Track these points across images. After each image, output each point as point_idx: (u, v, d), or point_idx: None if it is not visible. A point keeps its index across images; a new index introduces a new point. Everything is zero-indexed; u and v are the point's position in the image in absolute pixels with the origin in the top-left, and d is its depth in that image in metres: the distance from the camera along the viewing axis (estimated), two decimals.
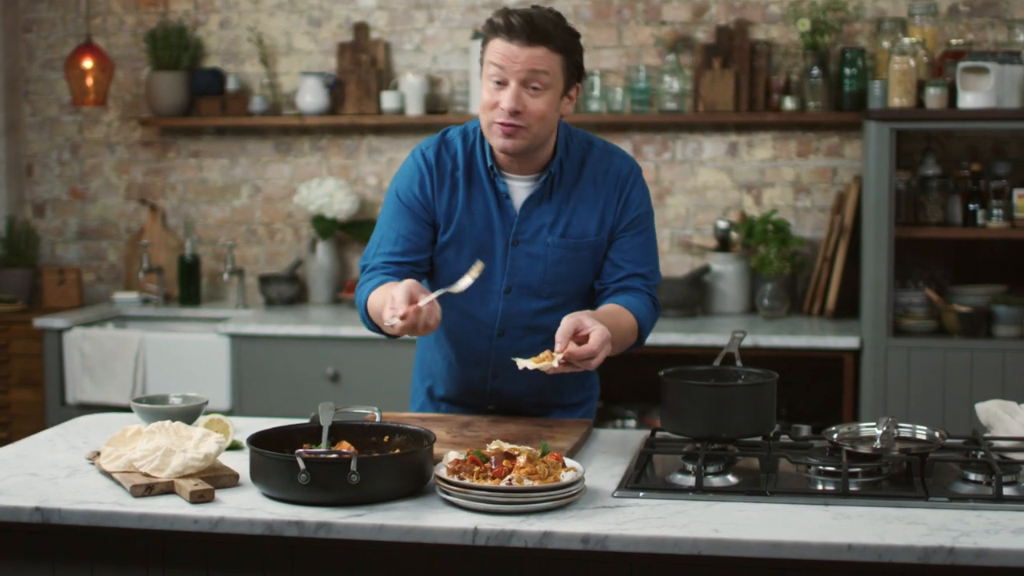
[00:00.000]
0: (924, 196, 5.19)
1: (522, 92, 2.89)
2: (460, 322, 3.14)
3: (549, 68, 2.90)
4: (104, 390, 5.61)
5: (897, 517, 2.41)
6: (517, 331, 3.11)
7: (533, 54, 2.88)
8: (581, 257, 3.07)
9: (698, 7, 5.76)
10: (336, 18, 6.09)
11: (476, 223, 3.06)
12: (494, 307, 3.10)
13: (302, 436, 2.70)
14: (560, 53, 2.92)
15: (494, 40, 2.92)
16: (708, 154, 5.80)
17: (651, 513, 2.45)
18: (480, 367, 3.18)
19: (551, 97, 2.93)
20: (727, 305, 5.65)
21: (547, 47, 2.89)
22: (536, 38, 2.88)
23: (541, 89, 2.90)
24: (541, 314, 3.09)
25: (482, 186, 3.06)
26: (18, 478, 2.72)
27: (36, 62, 6.40)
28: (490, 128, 2.95)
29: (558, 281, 3.08)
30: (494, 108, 2.92)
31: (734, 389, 2.84)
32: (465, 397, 3.25)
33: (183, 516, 2.46)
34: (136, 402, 3.08)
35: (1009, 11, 5.51)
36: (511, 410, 3.22)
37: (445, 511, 2.45)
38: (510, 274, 3.07)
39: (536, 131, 2.94)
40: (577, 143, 3.10)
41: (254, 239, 6.26)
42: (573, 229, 3.06)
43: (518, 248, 3.06)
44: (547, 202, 3.06)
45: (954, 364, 4.97)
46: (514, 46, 2.88)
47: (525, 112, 2.90)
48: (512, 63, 2.88)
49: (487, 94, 2.94)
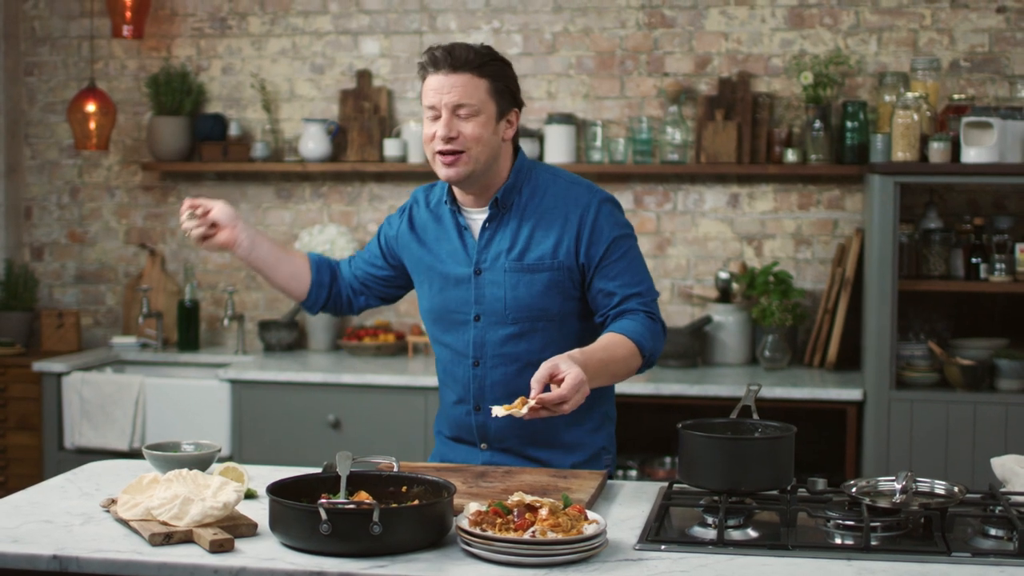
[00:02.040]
0: (927, 249, 5.21)
1: (453, 119, 3.04)
2: (446, 355, 3.26)
3: (475, 93, 3.04)
4: (103, 435, 5.58)
5: (921, 573, 2.40)
6: (491, 360, 3.18)
7: (457, 81, 3.03)
8: (538, 280, 3.14)
9: (701, 59, 5.80)
10: (339, 65, 6.11)
11: (444, 259, 3.22)
12: (467, 336, 3.19)
13: (320, 486, 2.68)
14: (485, 78, 3.06)
15: (427, 78, 3.08)
16: (709, 205, 5.82)
17: (674, 567, 2.44)
18: (464, 401, 3.25)
19: (484, 120, 3.06)
20: (728, 356, 5.65)
21: (470, 73, 3.04)
22: (458, 65, 3.04)
23: (471, 114, 3.04)
24: (510, 341, 3.16)
25: (446, 224, 3.23)
26: (32, 525, 2.70)
27: (37, 105, 6.41)
28: (434, 160, 3.10)
29: (519, 307, 3.15)
30: (432, 140, 3.07)
31: (754, 442, 2.84)
32: (461, 433, 3.29)
33: (203, 566, 2.45)
34: (148, 449, 3.06)
35: (1010, 67, 5.55)
36: (501, 448, 3.23)
37: (467, 563, 2.44)
38: (476, 303, 3.18)
39: (476, 154, 3.06)
40: (541, 173, 3.21)
41: (254, 284, 6.25)
42: (530, 253, 3.14)
43: (481, 276, 3.18)
44: (503, 229, 3.17)
45: (957, 417, 4.97)
46: (440, 76, 3.04)
47: (460, 137, 3.04)
48: (440, 93, 3.04)
49: (425, 128, 3.10)
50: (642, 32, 5.84)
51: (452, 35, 5.97)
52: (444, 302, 3.21)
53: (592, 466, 3.26)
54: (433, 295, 3.23)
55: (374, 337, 5.87)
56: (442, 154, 3.06)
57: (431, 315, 3.26)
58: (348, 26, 6.09)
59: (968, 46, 5.59)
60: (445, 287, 3.20)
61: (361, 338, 5.87)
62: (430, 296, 3.24)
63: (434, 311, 3.24)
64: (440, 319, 3.23)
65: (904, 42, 5.63)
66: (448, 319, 3.21)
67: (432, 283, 3.23)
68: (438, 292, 3.22)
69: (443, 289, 3.21)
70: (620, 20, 5.85)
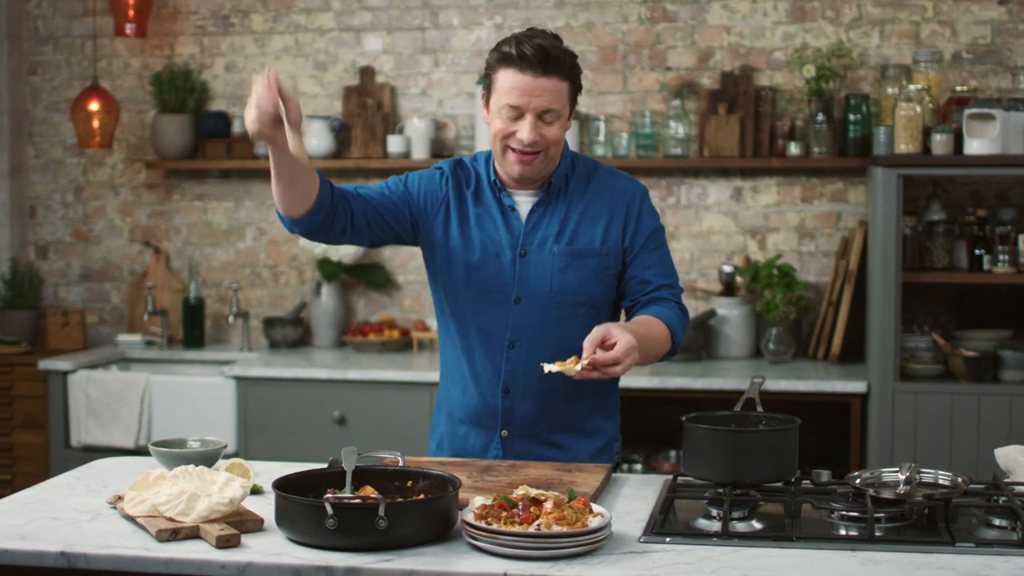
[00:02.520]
0: (930, 241, 5.22)
1: (537, 123, 3.01)
2: (474, 336, 3.19)
3: (560, 97, 3.02)
4: (109, 432, 5.59)
5: (925, 563, 2.41)
6: (527, 343, 3.15)
7: (547, 86, 2.99)
8: (587, 266, 3.14)
9: (703, 53, 5.80)
10: (342, 62, 6.12)
11: (484, 238, 3.15)
12: (504, 318, 3.15)
13: (325, 481, 2.69)
14: (568, 80, 3.04)
15: (507, 70, 3.01)
16: (713, 199, 5.82)
17: (679, 559, 2.45)
18: (493, 383, 3.19)
19: (563, 122, 3.06)
20: (732, 349, 5.66)
21: (558, 76, 3.00)
22: (549, 69, 2.98)
23: (555, 118, 3.02)
24: (550, 325, 3.15)
25: (488, 204, 3.17)
26: (40, 522, 2.71)
27: (41, 104, 6.42)
28: (505, 156, 3.08)
29: (565, 291, 3.14)
30: (509, 137, 3.04)
31: (758, 435, 2.85)
32: (480, 417, 3.24)
33: (210, 561, 2.45)
34: (155, 446, 3.07)
35: (1012, 58, 5.55)
36: (523, 433, 3.21)
37: (473, 556, 2.45)
38: (519, 284, 3.14)
39: (552, 154, 3.08)
40: (583, 163, 3.23)
41: (258, 282, 6.26)
42: (579, 239, 3.15)
43: (526, 259, 3.15)
44: (552, 212, 3.16)
45: (961, 409, 4.98)
46: (528, 77, 2.98)
47: (541, 140, 3.02)
48: (528, 96, 2.98)
49: (501, 123, 3.04)
50: (644, 26, 5.84)
51: (454, 31, 5.98)
52: (482, 280, 3.14)
53: (607, 453, 3.30)
54: (468, 274, 3.15)
55: (379, 333, 5.89)
56: (521, 153, 3.04)
57: (464, 294, 3.16)
58: (351, 23, 6.10)
59: (970, 38, 5.59)
60: (484, 265, 3.14)
61: (366, 334, 5.88)
62: (464, 275, 3.15)
63: (468, 290, 3.15)
64: (474, 299, 3.16)
65: (906, 34, 5.63)
66: (483, 299, 3.14)
67: (469, 260, 3.15)
68: (474, 272, 3.14)
69: (481, 267, 3.14)
70: (622, 15, 5.86)
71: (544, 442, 3.22)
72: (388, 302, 6.12)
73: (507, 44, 3.01)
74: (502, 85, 3.02)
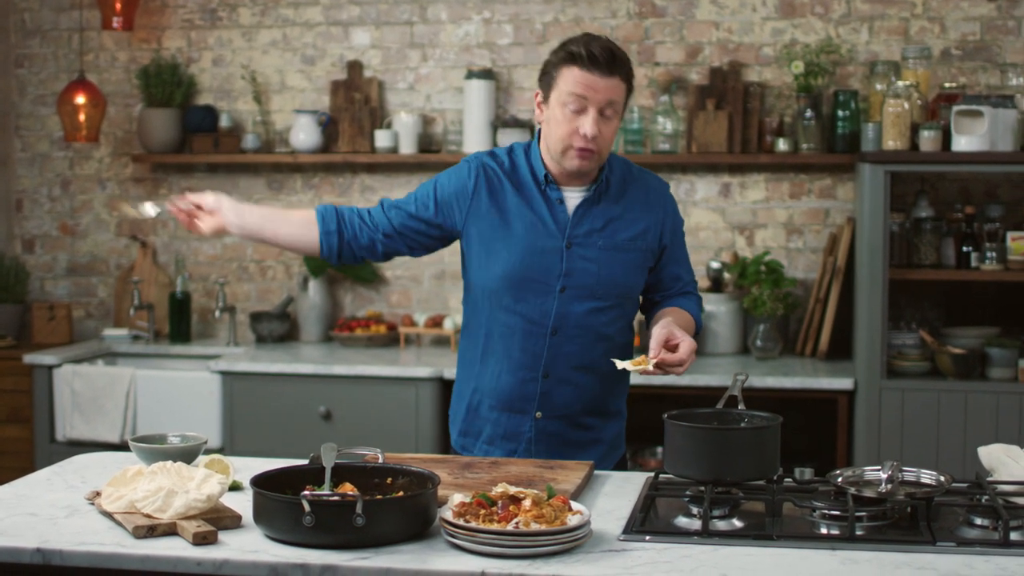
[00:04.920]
0: (918, 238, 5.21)
1: (600, 119, 3.16)
2: (515, 323, 3.29)
3: (620, 96, 3.19)
4: (94, 427, 5.58)
5: (906, 562, 2.40)
6: (569, 330, 3.27)
7: (611, 84, 3.14)
8: (629, 260, 3.29)
9: (692, 48, 5.79)
10: (330, 56, 6.10)
11: (529, 228, 3.27)
12: (549, 307, 3.26)
13: (304, 477, 2.68)
14: (626, 82, 3.20)
15: (571, 68, 3.15)
16: (701, 195, 5.81)
17: (658, 557, 2.43)
18: (532, 368, 3.29)
19: (617, 121, 3.22)
20: (719, 345, 5.65)
21: (620, 77, 3.16)
22: (615, 69, 3.14)
23: (613, 115, 3.18)
24: (592, 314, 3.27)
25: (531, 194, 3.29)
26: (17, 518, 2.69)
27: (27, 97, 6.40)
28: (566, 152, 3.20)
29: (610, 283, 3.28)
30: (572, 134, 3.17)
31: (740, 432, 2.83)
32: (513, 402, 3.33)
33: (186, 558, 2.44)
34: (135, 441, 3.05)
35: (1001, 55, 5.54)
36: (558, 415, 3.31)
37: (451, 554, 2.43)
38: (566, 275, 3.25)
39: (605, 151, 3.23)
40: (617, 161, 3.38)
41: (245, 276, 6.24)
42: (621, 233, 3.29)
43: (572, 250, 3.27)
44: (597, 208, 3.29)
45: (948, 406, 4.97)
46: (595, 76, 3.12)
47: (599, 136, 3.17)
48: (594, 92, 3.13)
49: (565, 121, 3.17)
50: (633, 22, 5.83)
51: (442, 25, 5.96)
52: (526, 270, 3.25)
53: (622, 436, 3.45)
54: (513, 262, 3.25)
55: (366, 328, 5.87)
56: (582, 149, 3.16)
57: (507, 282, 3.26)
58: (339, 17, 6.08)
59: (959, 34, 5.58)
60: (528, 255, 3.25)
61: (353, 329, 5.87)
62: (508, 263, 3.25)
63: (513, 278, 3.25)
64: (518, 287, 3.26)
65: (895, 30, 5.62)
66: (527, 287, 3.25)
67: (511, 250, 3.26)
68: (519, 260, 3.25)
69: (525, 257, 3.25)
70: (611, 10, 5.84)
71: (574, 424, 3.34)
72: (375, 297, 6.11)
73: (574, 44, 3.16)
74: (567, 81, 3.15)
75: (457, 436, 3.45)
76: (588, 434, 3.35)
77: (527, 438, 3.32)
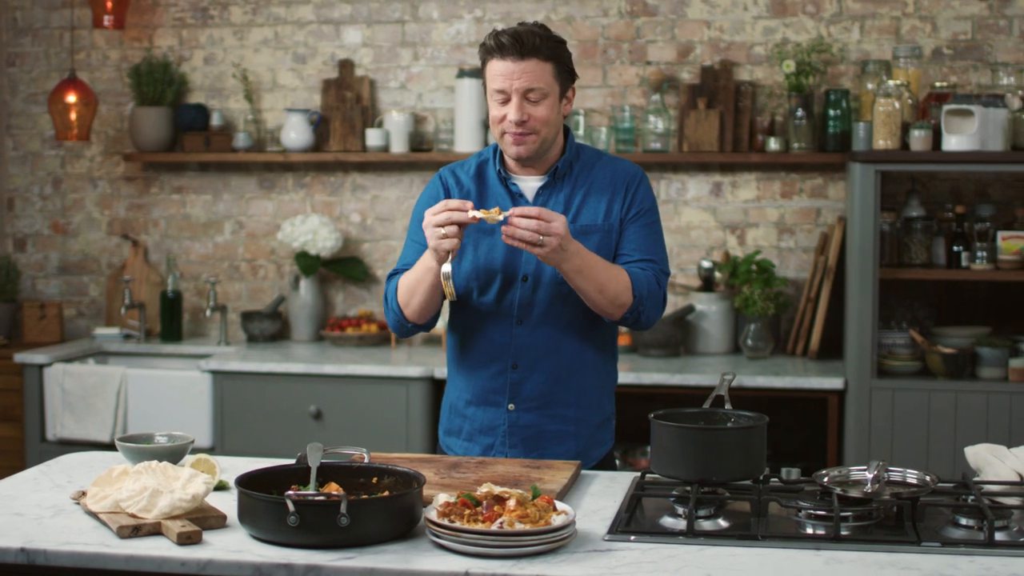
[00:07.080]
0: (908, 237, 5.21)
1: (524, 103, 3.20)
2: (482, 316, 3.32)
3: (543, 77, 3.20)
4: (85, 426, 5.57)
5: (890, 563, 2.40)
6: (536, 320, 3.29)
7: (526, 67, 3.18)
8: (590, 241, 3.27)
9: (683, 48, 5.79)
10: (321, 55, 6.09)
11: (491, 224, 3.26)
12: (513, 296, 3.29)
13: (290, 477, 2.67)
14: (550, 61, 3.21)
15: (490, 61, 3.23)
16: (692, 194, 5.81)
17: (643, 557, 2.43)
18: (500, 360, 3.31)
19: (551, 102, 3.23)
20: (711, 345, 5.65)
21: (537, 58, 3.19)
22: (526, 52, 3.18)
23: (540, 97, 3.20)
24: (557, 301, 3.28)
25: (495, 191, 3.35)
26: (3, 518, 2.69)
27: (19, 96, 6.39)
28: (503, 139, 3.27)
29: None
30: (502, 121, 3.23)
31: (725, 432, 2.83)
32: (488, 396, 3.34)
33: (171, 558, 2.44)
34: (121, 441, 3.05)
35: (992, 54, 5.54)
36: (531, 407, 3.31)
37: (436, 554, 2.43)
38: (526, 263, 3.28)
39: (544, 134, 3.24)
40: (588, 151, 3.42)
41: (237, 275, 6.24)
42: (583, 217, 3.31)
43: None
44: (556, 195, 3.32)
45: (938, 405, 4.97)
46: (508, 63, 3.19)
47: (531, 120, 3.21)
48: (510, 79, 3.19)
49: (494, 111, 3.25)
50: (624, 21, 5.83)
51: (434, 24, 5.96)
52: (489, 262, 3.29)
53: (606, 429, 3.41)
54: (477, 255, 3.30)
55: (356, 328, 5.86)
56: (514, 135, 3.22)
57: (472, 276, 3.30)
58: (330, 15, 6.08)
59: (951, 33, 5.58)
60: (492, 247, 3.29)
61: (344, 328, 5.86)
62: (473, 257, 3.30)
63: (478, 271, 3.29)
64: (483, 280, 3.30)
65: (886, 30, 5.62)
66: (492, 280, 3.28)
67: (477, 244, 3.30)
68: (484, 252, 3.29)
69: (490, 249, 3.29)
70: (602, 9, 5.84)
71: (549, 415, 3.32)
72: (367, 296, 6.10)
73: (487, 38, 3.23)
74: (489, 75, 3.23)
75: (443, 435, 3.46)
76: (565, 426, 3.33)
77: (502, 431, 3.33)
